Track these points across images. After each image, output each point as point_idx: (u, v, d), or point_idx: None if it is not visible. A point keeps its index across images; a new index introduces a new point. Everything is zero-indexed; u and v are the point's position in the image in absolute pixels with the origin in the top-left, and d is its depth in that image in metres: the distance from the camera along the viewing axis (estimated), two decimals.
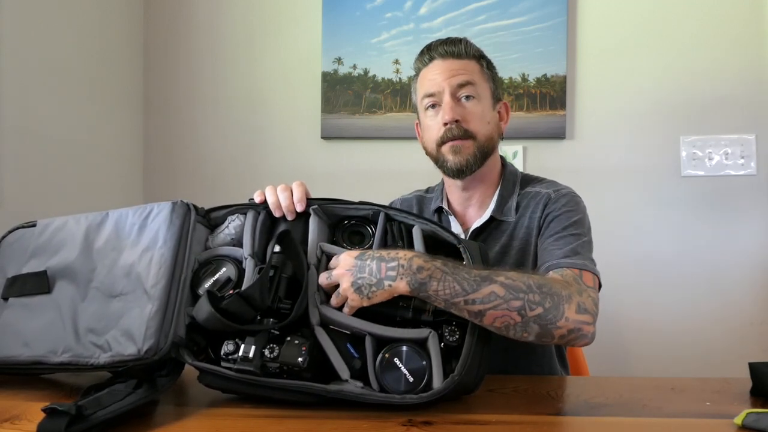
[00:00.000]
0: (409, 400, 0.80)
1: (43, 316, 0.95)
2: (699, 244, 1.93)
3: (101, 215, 1.02)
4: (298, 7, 2.10)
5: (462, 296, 0.83)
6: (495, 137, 1.20)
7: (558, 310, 0.86)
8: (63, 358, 0.89)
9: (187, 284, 0.91)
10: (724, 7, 1.94)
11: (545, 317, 0.86)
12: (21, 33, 1.57)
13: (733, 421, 0.74)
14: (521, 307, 0.84)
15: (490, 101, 1.19)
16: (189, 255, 0.93)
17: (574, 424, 0.80)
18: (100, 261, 0.97)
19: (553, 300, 0.87)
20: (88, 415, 0.72)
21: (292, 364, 0.81)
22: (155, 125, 2.16)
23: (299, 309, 0.86)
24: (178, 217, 0.96)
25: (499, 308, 0.83)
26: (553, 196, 1.16)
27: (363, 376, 0.83)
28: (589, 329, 0.90)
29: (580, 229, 1.10)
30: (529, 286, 0.86)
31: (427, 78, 1.18)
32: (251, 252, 0.95)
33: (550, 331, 0.87)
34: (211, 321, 0.83)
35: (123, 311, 0.89)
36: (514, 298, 0.84)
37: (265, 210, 1.00)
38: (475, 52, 1.19)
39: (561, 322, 0.87)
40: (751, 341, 1.89)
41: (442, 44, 1.18)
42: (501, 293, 0.83)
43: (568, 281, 0.95)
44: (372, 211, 1.00)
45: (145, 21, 2.16)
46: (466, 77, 1.15)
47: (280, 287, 0.88)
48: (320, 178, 2.06)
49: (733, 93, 1.93)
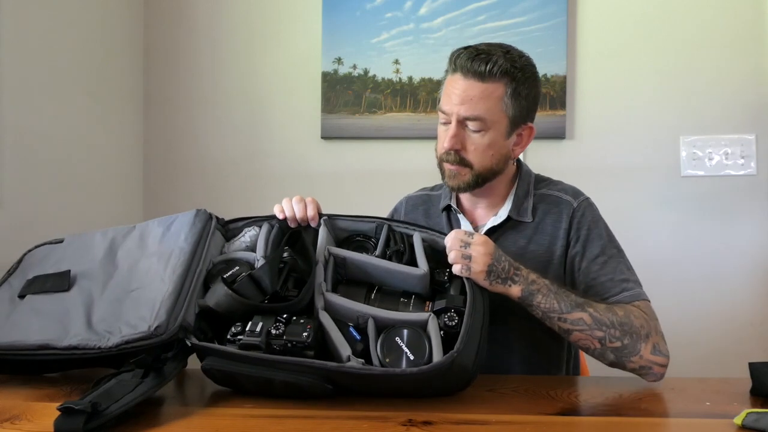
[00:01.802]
0: (409, 373, 0.81)
1: (57, 308, 0.97)
2: (699, 244, 1.93)
3: (128, 228, 1.08)
4: (298, 7, 2.10)
5: (557, 313, 0.97)
6: (500, 165, 1.14)
7: (635, 348, 0.98)
8: (71, 341, 0.89)
9: (201, 276, 0.96)
10: (724, 7, 1.93)
11: (622, 351, 0.98)
12: (21, 33, 1.57)
13: (733, 421, 0.74)
14: (602, 338, 0.97)
15: (504, 130, 1.12)
16: (206, 253, 0.99)
17: (574, 424, 0.80)
18: (122, 263, 1.02)
19: (631, 338, 0.98)
20: (103, 410, 0.73)
21: (296, 340, 0.83)
22: (155, 125, 2.15)
23: (306, 293, 0.91)
24: (200, 221, 1.04)
25: (583, 333, 0.98)
26: (575, 205, 1.17)
27: (365, 358, 0.85)
28: (660, 370, 0.99)
29: (615, 245, 1.16)
30: (612, 322, 0.98)
31: (446, 90, 1.12)
32: (264, 255, 1.00)
33: (623, 363, 0.99)
34: (223, 301, 0.88)
35: (138, 301, 0.92)
36: (597, 329, 0.97)
37: (279, 224, 1.07)
38: (505, 69, 1.08)
39: (635, 358, 0.98)
40: (751, 341, 1.89)
41: (470, 59, 1.08)
42: (588, 322, 0.97)
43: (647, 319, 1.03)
44: (375, 223, 1.08)
45: (145, 21, 2.15)
46: (477, 111, 1.08)
47: (288, 281, 0.93)
48: (320, 178, 2.06)
49: (733, 93, 1.92)
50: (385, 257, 0.99)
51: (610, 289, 1.09)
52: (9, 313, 1.00)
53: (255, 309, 0.88)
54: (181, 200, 2.11)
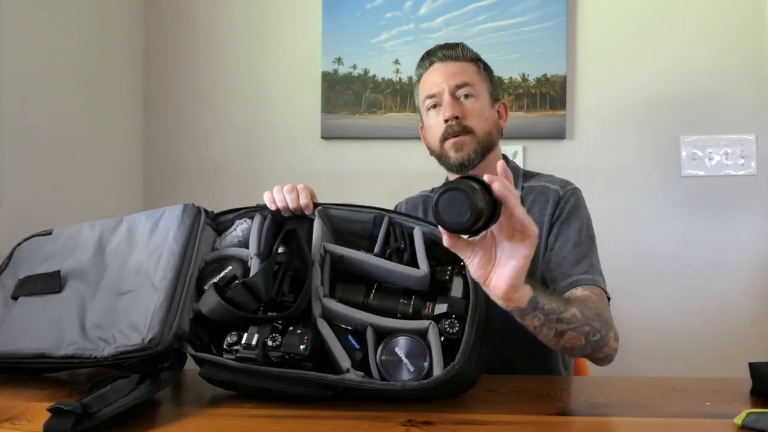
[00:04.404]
0: (410, 387, 0.80)
1: (51, 313, 0.96)
2: (699, 244, 1.93)
3: (116, 220, 1.05)
4: (298, 7, 2.10)
5: (556, 314, 0.86)
6: (494, 134, 1.23)
7: (607, 338, 0.95)
8: (68, 350, 0.89)
9: (193, 280, 0.93)
10: (723, 6, 1.93)
11: (599, 343, 0.93)
12: (21, 33, 1.57)
13: (733, 421, 0.74)
14: (589, 332, 0.91)
15: (488, 100, 1.24)
16: (197, 253, 0.96)
17: (574, 424, 0.80)
18: (112, 262, 0.99)
19: (605, 328, 0.95)
20: (94, 413, 0.72)
21: (294, 352, 0.82)
22: (155, 125, 2.15)
23: (303, 300, 0.88)
24: (189, 217, 1.00)
25: (576, 330, 0.89)
26: (562, 193, 1.19)
27: (364, 368, 0.84)
28: (615, 354, 0.99)
29: (591, 236, 1.16)
30: (594, 314, 0.93)
31: (428, 81, 1.24)
32: (257, 252, 0.97)
33: (596, 355, 0.96)
34: (216, 310, 0.85)
35: (130, 306, 0.90)
36: (586, 324, 0.91)
37: (271, 214, 1.03)
38: (471, 55, 1.25)
39: (606, 349, 0.96)
40: (751, 341, 1.89)
41: (441, 49, 1.25)
42: (580, 317, 0.90)
43: (605, 305, 1.04)
44: (374, 214, 1.03)
45: (145, 21, 2.15)
46: (464, 78, 1.21)
47: (284, 283, 0.91)
48: (320, 178, 2.05)
49: (733, 93, 1.92)
50: (385, 255, 0.97)
51: (573, 267, 1.10)
52: (3, 316, 0.99)
53: (250, 320, 0.86)
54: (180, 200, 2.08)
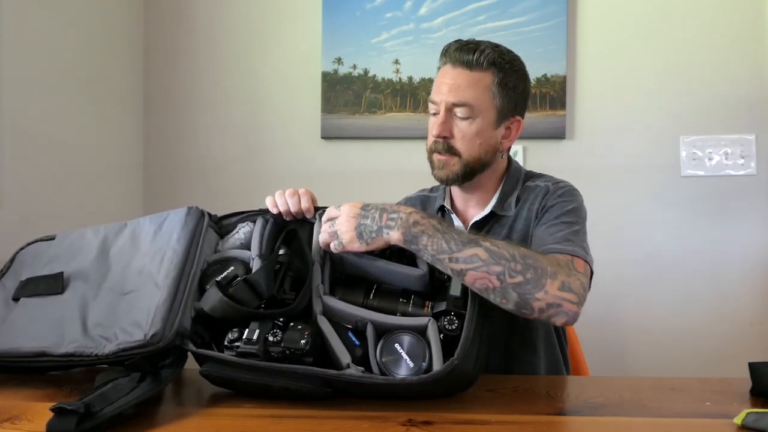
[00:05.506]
0: (409, 382, 0.81)
1: (52, 313, 0.96)
2: (699, 243, 1.93)
3: (120, 225, 1.06)
4: (298, 7, 2.10)
5: (447, 254, 0.89)
6: (487, 157, 1.16)
7: (539, 283, 0.89)
8: (68, 348, 0.89)
9: (196, 279, 0.94)
10: (724, 7, 1.93)
11: (524, 287, 0.88)
12: (21, 33, 1.57)
13: (733, 421, 0.74)
14: (501, 272, 0.88)
15: (491, 120, 1.14)
16: (200, 254, 0.97)
17: (574, 424, 0.80)
18: (115, 263, 1.00)
19: (535, 272, 0.89)
20: (96, 412, 0.73)
21: (294, 347, 0.83)
22: (155, 125, 2.15)
23: (303, 297, 0.90)
24: (192, 219, 1.01)
25: (479, 270, 0.88)
26: (551, 188, 1.17)
27: (364, 364, 0.85)
28: (570, 307, 0.91)
29: (574, 218, 1.11)
30: (513, 255, 0.89)
31: (436, 82, 1.16)
32: (258, 253, 0.99)
33: (529, 302, 0.89)
34: (218, 306, 0.86)
35: (132, 305, 0.91)
36: (495, 264, 0.88)
37: (273, 217, 1.05)
38: (491, 60, 1.11)
39: (540, 295, 0.89)
40: (751, 341, 1.89)
41: (458, 50, 1.13)
42: (483, 257, 0.88)
43: (559, 262, 0.96)
44: None
45: (145, 21, 2.15)
46: (465, 97, 1.11)
47: (285, 282, 0.92)
48: (320, 178, 2.05)
49: (733, 93, 1.92)
50: (385, 255, 0.98)
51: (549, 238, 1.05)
52: (4, 317, 0.99)
53: (251, 315, 0.87)
54: (181, 200, 2.10)
